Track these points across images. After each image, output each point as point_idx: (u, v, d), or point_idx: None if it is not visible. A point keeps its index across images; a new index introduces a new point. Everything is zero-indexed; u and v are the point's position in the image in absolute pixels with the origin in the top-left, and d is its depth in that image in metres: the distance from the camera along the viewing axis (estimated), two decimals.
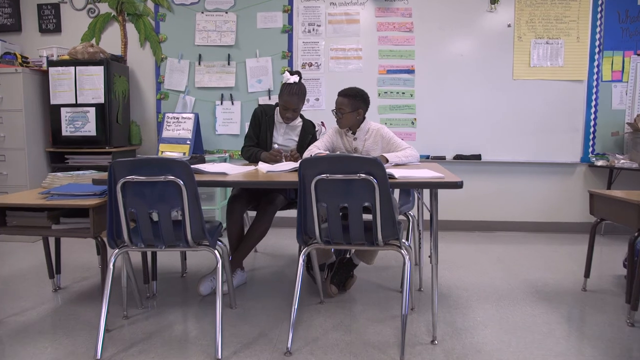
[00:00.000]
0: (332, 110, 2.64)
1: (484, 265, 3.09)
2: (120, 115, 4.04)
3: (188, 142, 3.95)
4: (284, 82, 2.69)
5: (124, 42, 4.25)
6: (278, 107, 2.77)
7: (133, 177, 1.71)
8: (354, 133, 2.66)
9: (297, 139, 2.84)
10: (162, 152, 4.00)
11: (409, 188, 2.65)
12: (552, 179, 4.07)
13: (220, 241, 2.04)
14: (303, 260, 1.92)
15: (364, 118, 2.66)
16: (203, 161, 2.58)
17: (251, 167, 2.43)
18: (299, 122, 2.85)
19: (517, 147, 4.03)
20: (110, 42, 4.25)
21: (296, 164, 2.23)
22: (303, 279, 2.22)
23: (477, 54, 4.00)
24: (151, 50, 4.22)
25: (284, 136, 2.83)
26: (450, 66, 4.02)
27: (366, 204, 1.76)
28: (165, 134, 4.06)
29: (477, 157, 4.03)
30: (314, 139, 2.86)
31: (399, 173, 1.93)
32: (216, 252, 1.90)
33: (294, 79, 2.67)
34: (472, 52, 4.00)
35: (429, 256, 1.96)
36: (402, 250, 1.84)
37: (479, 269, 2.98)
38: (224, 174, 2.09)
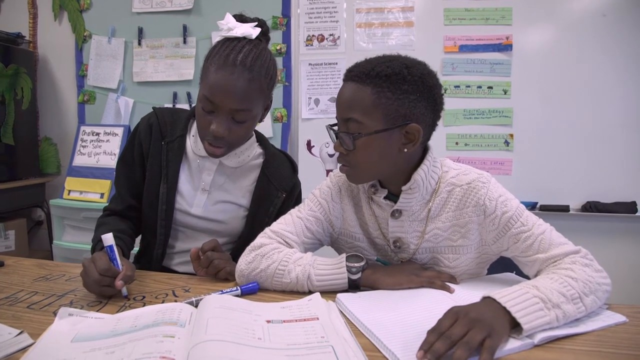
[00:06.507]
0: (329, 127, 0.90)
1: None
2: (11, 129, 2.47)
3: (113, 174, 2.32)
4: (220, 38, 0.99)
5: (32, 14, 2.70)
6: (195, 117, 1.03)
7: None
8: (393, 194, 0.89)
9: (246, 203, 1.10)
10: (68, 191, 2.40)
11: None
12: None
13: None
14: None
15: (426, 149, 0.89)
16: None
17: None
18: (255, 156, 1.11)
19: None
20: (13, 14, 2.73)
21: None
22: None
23: (634, 15, 2.11)
24: (70, 25, 2.64)
25: (215, 193, 1.08)
26: (581, 38, 2.17)
27: None
28: (78, 160, 2.46)
29: (629, 206, 2.18)
30: (292, 199, 1.12)
31: None
32: None
33: (244, 31, 0.96)
34: (624, 11, 2.12)
35: None
36: None
37: None
38: None
